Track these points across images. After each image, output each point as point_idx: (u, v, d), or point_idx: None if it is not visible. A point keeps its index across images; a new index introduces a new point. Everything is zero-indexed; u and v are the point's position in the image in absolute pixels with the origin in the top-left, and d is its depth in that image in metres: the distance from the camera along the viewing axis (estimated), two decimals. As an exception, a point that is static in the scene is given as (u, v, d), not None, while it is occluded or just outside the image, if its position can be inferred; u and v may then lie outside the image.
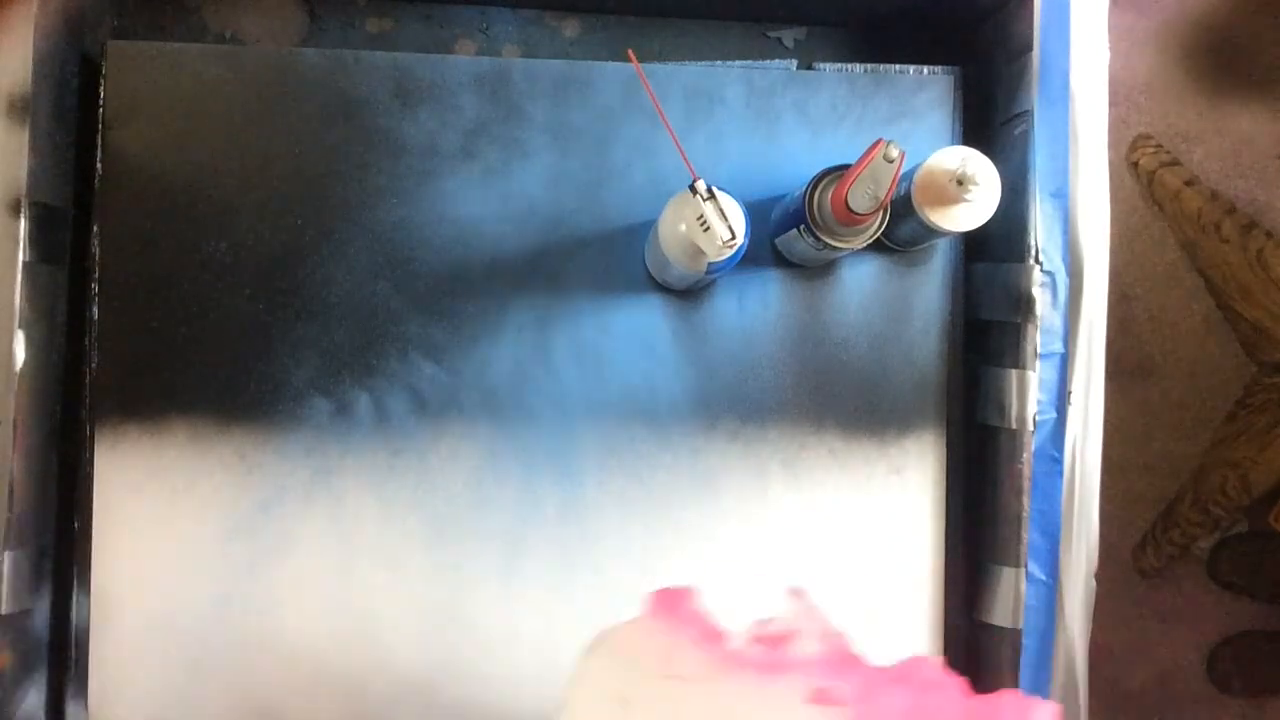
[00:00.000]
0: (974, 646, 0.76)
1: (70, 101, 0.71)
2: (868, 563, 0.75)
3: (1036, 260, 0.71)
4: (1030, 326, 0.71)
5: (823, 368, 0.75)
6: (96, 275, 0.71)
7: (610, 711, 0.52)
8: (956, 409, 0.76)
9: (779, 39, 0.81)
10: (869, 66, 0.77)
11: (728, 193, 0.61)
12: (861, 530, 0.75)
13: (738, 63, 0.78)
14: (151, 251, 0.71)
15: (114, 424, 0.71)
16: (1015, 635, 0.71)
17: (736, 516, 0.74)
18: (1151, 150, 1.45)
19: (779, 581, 0.74)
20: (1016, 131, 0.73)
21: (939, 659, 0.70)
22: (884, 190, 0.60)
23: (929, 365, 0.76)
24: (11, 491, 0.64)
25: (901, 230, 0.70)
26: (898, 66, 0.77)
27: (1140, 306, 1.50)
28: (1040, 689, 0.71)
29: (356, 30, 0.78)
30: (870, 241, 0.66)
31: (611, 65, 0.75)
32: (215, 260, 0.72)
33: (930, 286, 0.76)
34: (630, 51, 0.59)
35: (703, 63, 0.78)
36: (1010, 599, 0.71)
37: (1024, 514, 0.71)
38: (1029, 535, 0.71)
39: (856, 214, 0.61)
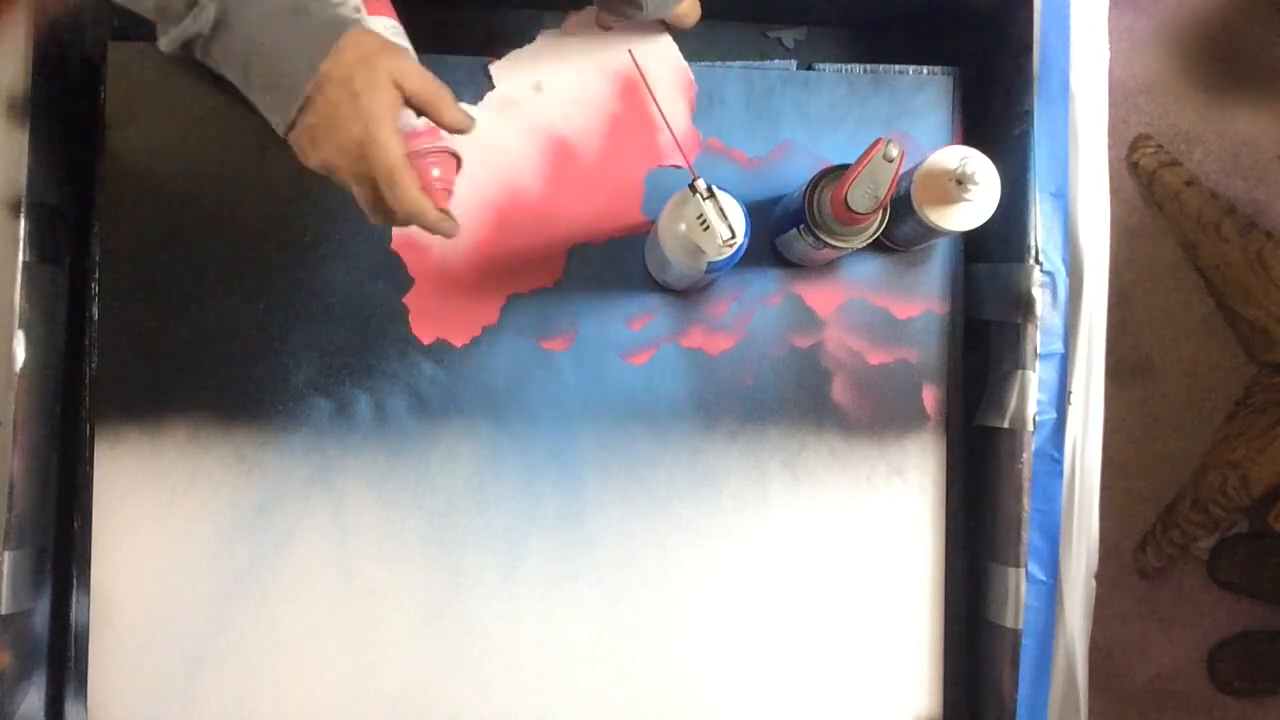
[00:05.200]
0: (974, 646, 0.76)
1: (70, 102, 0.71)
2: (868, 562, 0.75)
3: (1036, 260, 0.71)
4: (1030, 326, 0.71)
5: (823, 367, 0.75)
6: (96, 275, 0.71)
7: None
8: (956, 409, 0.76)
9: (779, 39, 0.81)
10: (869, 67, 0.77)
11: (728, 192, 0.61)
12: (862, 530, 0.75)
13: (738, 63, 0.78)
14: (151, 251, 0.71)
15: (114, 424, 0.71)
16: (1015, 635, 0.71)
17: (736, 516, 0.74)
18: (1151, 150, 1.45)
19: (778, 580, 0.75)
20: (1016, 131, 0.73)
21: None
22: (884, 190, 0.60)
23: (929, 366, 0.76)
24: (11, 491, 0.65)
25: (901, 230, 0.70)
26: (897, 67, 0.77)
27: (1140, 306, 1.50)
28: (1040, 689, 0.71)
29: (356, 30, 0.78)
30: (870, 241, 0.66)
31: (611, 65, 0.75)
32: (215, 260, 0.72)
33: (930, 286, 0.76)
34: (630, 51, 0.59)
35: (703, 63, 0.78)
36: (1010, 599, 0.71)
37: (1024, 514, 0.71)
38: (1029, 535, 0.71)
39: (856, 214, 0.61)
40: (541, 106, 0.74)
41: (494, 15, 0.79)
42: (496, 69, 0.74)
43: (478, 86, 0.74)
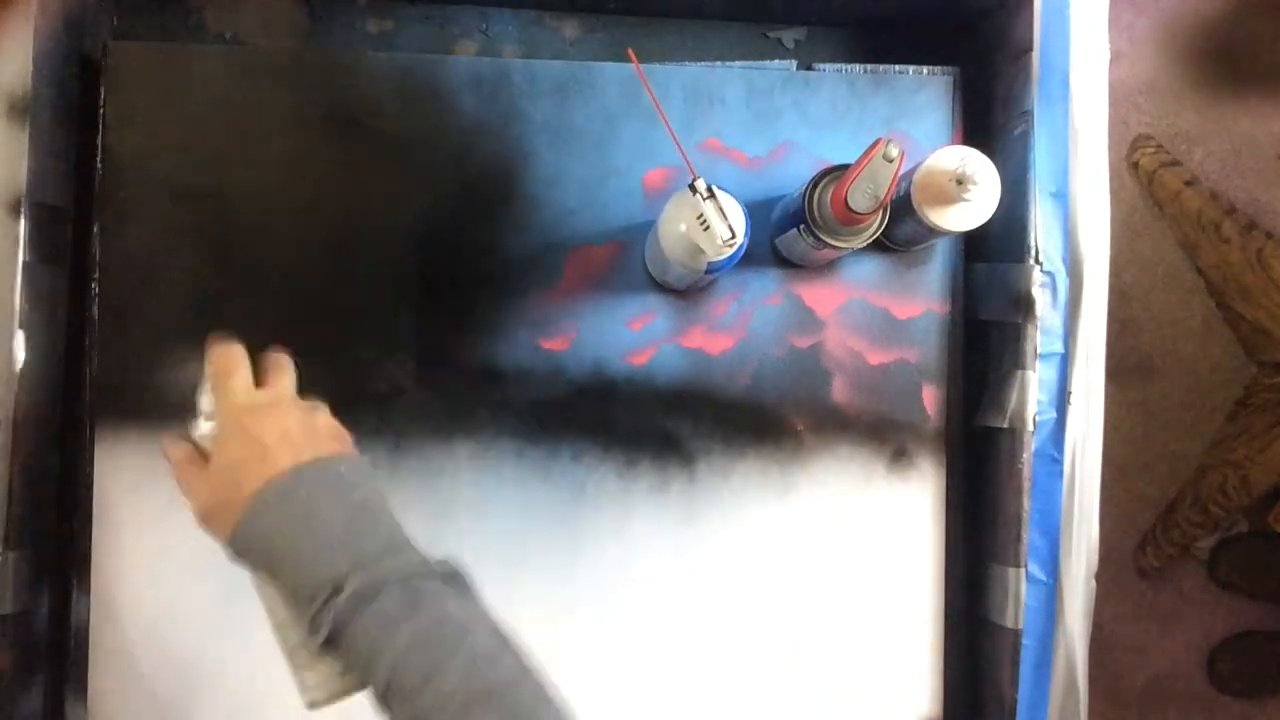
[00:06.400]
0: (974, 646, 0.76)
1: (70, 102, 0.71)
2: (868, 563, 0.75)
3: (1036, 260, 0.71)
4: (1030, 326, 0.71)
5: (823, 367, 0.75)
6: (96, 275, 0.71)
7: None
8: (956, 409, 0.76)
9: (779, 39, 0.81)
10: (869, 67, 0.77)
11: (728, 192, 0.61)
12: (862, 530, 0.75)
13: (738, 63, 0.78)
14: (151, 251, 0.71)
15: (114, 424, 0.71)
16: (1015, 635, 0.71)
17: (736, 516, 0.74)
18: (1151, 150, 1.45)
19: (778, 580, 0.75)
20: (1016, 131, 0.73)
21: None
22: (884, 190, 0.60)
23: (929, 366, 0.76)
24: (11, 491, 0.65)
25: (901, 230, 0.70)
26: (897, 67, 0.77)
27: (1140, 306, 1.50)
28: (1040, 689, 0.71)
29: (356, 30, 0.78)
30: (870, 241, 0.66)
31: (611, 65, 0.75)
32: (215, 260, 0.72)
33: (930, 286, 0.76)
34: (630, 51, 0.59)
35: (703, 63, 0.78)
36: (1010, 599, 0.71)
37: (1024, 514, 0.71)
38: (1029, 535, 0.71)
39: (856, 214, 0.61)
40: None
41: (492, 14, 0.79)
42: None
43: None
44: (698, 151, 0.75)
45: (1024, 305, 0.71)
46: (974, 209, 0.66)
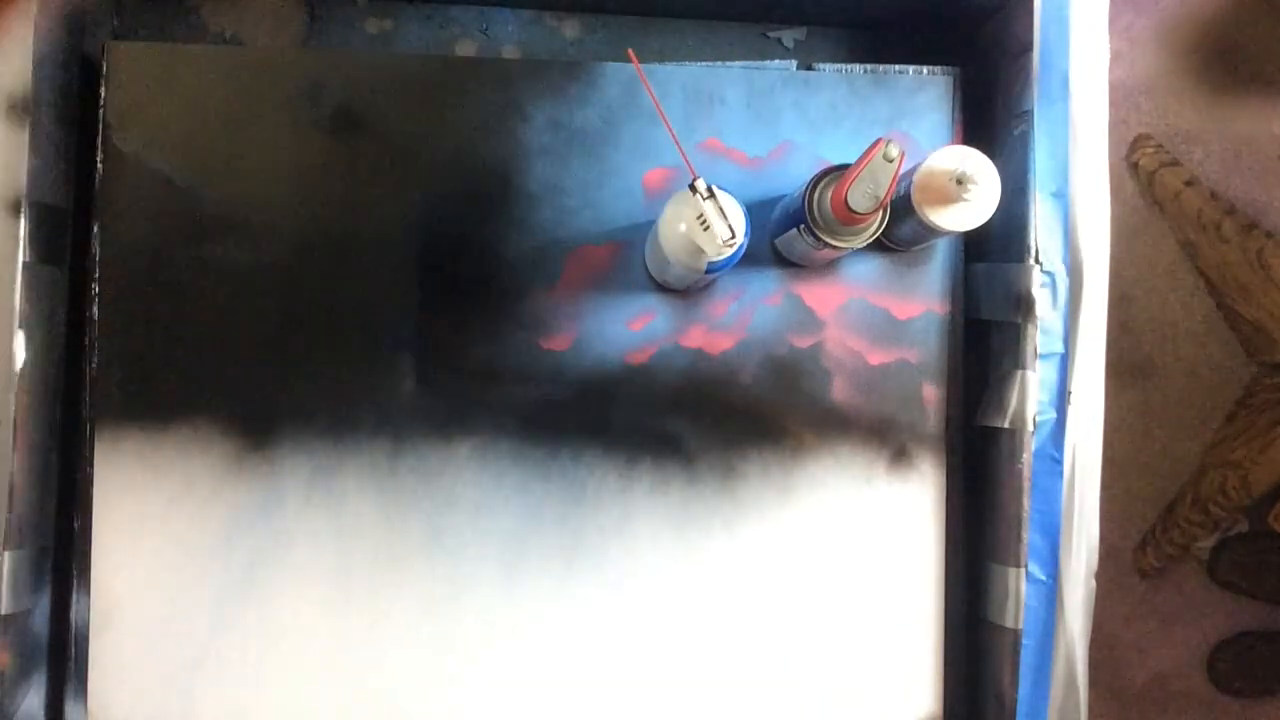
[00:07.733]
0: (974, 646, 0.76)
1: (70, 101, 0.71)
2: (868, 563, 0.75)
3: (1036, 260, 0.71)
4: (1030, 326, 0.71)
5: (823, 367, 0.75)
6: (96, 275, 0.72)
7: None
8: (956, 409, 0.76)
9: (779, 39, 0.81)
10: (869, 67, 0.77)
11: (728, 192, 0.61)
12: (862, 530, 0.75)
13: (738, 63, 0.78)
14: (151, 251, 0.72)
15: (114, 424, 0.71)
16: (1015, 635, 0.71)
17: (736, 516, 0.74)
18: (1151, 150, 1.45)
19: (778, 581, 0.75)
20: (1016, 131, 0.73)
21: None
22: (884, 190, 0.60)
23: (929, 366, 0.76)
24: (11, 491, 0.65)
25: (901, 230, 0.70)
26: (897, 67, 0.77)
27: (1140, 306, 1.50)
28: (1040, 689, 0.71)
29: (356, 30, 0.78)
30: (870, 241, 0.66)
31: (611, 65, 0.75)
32: (215, 260, 0.72)
33: (930, 286, 0.76)
34: (630, 51, 0.59)
35: (703, 63, 0.78)
36: (1010, 599, 0.71)
37: (1024, 514, 0.71)
38: (1029, 535, 0.71)
39: (856, 214, 0.61)
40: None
41: (492, 14, 0.79)
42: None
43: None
44: (698, 151, 0.75)
45: (1024, 305, 0.71)
46: (974, 209, 0.66)
